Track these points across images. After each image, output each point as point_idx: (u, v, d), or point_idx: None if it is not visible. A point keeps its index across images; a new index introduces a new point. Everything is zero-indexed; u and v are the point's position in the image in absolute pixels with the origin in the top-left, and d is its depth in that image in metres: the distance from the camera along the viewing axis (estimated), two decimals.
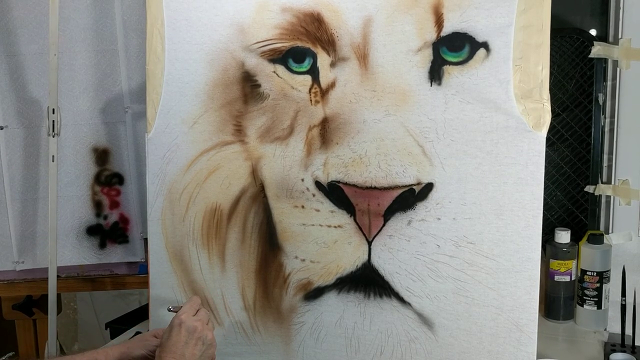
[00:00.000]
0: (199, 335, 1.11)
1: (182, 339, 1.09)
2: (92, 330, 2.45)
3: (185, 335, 1.09)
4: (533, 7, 1.13)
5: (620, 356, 1.31)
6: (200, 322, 1.12)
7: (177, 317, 1.12)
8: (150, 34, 1.34)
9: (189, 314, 1.13)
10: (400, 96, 1.20)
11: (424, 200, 1.20)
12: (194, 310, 1.15)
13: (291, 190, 1.27)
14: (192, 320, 1.12)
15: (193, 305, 1.16)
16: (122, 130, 1.65)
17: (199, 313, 1.15)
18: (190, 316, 1.13)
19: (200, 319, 1.13)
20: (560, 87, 1.55)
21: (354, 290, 1.25)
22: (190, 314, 1.13)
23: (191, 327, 1.10)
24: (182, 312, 1.13)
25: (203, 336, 1.11)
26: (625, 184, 1.50)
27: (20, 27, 1.62)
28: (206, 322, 1.14)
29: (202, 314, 1.15)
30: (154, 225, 1.36)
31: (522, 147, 1.14)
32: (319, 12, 1.24)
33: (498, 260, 1.17)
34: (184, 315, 1.12)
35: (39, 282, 1.66)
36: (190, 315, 1.13)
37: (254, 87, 1.29)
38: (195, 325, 1.11)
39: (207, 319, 1.15)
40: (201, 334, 1.11)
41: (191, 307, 1.15)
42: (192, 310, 1.15)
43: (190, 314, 1.13)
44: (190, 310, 1.14)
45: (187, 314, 1.13)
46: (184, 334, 1.10)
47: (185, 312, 1.13)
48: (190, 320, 1.11)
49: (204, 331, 1.12)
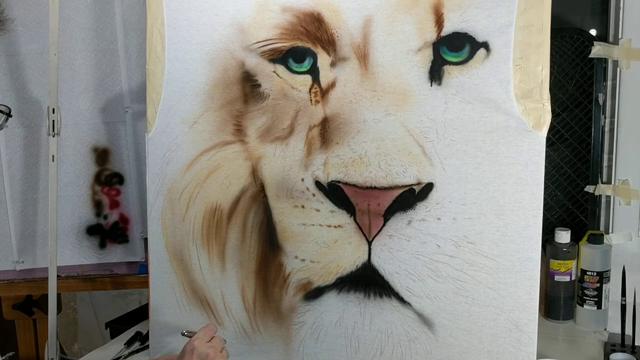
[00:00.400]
0: None
1: None
2: (92, 330, 2.45)
3: None
4: (533, 7, 1.13)
5: (620, 356, 1.31)
6: (212, 349, 1.09)
7: (189, 343, 1.10)
8: (150, 33, 1.34)
9: (202, 340, 1.10)
10: (400, 96, 1.20)
11: (424, 200, 1.20)
12: (208, 337, 1.12)
13: (291, 190, 1.27)
14: (204, 347, 1.09)
15: (207, 332, 1.13)
16: (122, 130, 1.65)
17: (213, 340, 1.12)
18: (204, 342, 1.10)
19: (213, 346, 1.10)
20: (560, 87, 1.55)
21: (354, 290, 1.25)
22: (203, 340, 1.10)
23: (203, 354, 1.08)
24: (195, 337, 1.11)
25: None
26: (625, 184, 1.50)
27: (20, 27, 1.61)
28: (220, 350, 1.11)
29: (217, 341, 1.12)
30: (154, 225, 1.36)
31: (522, 147, 1.14)
32: (319, 12, 1.24)
33: (498, 260, 1.17)
34: (197, 341, 1.10)
35: (39, 282, 1.66)
36: (204, 342, 1.10)
37: (254, 87, 1.29)
38: (208, 352, 1.08)
39: (221, 346, 1.12)
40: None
41: (205, 334, 1.12)
42: (206, 337, 1.12)
43: (204, 340, 1.10)
44: (204, 337, 1.11)
45: (200, 340, 1.10)
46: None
47: (199, 338, 1.11)
48: (202, 347, 1.09)
49: (216, 358, 1.09)
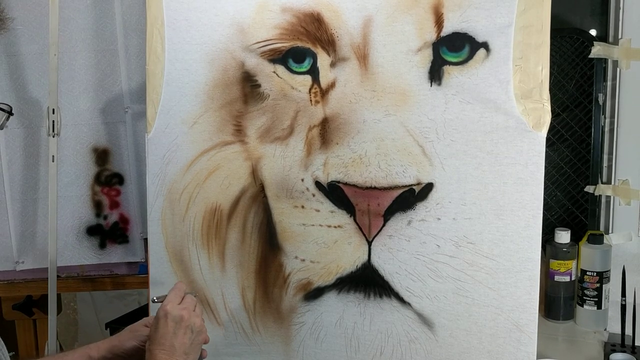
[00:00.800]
0: (187, 324, 1.07)
1: (170, 330, 1.06)
2: (92, 330, 2.45)
3: (173, 326, 1.06)
4: (533, 7, 1.13)
5: (620, 356, 1.32)
6: (186, 310, 1.08)
7: (161, 308, 1.09)
8: (150, 34, 1.34)
9: (173, 303, 1.09)
10: (400, 96, 1.20)
11: (424, 200, 1.20)
12: (179, 298, 1.11)
13: (291, 190, 1.27)
14: (177, 310, 1.08)
15: (177, 293, 1.12)
16: (122, 130, 1.65)
17: (184, 300, 1.11)
18: (175, 305, 1.09)
19: (186, 307, 1.09)
20: (560, 87, 1.55)
21: (354, 290, 1.25)
22: (175, 303, 1.09)
23: (177, 317, 1.07)
24: (166, 302, 1.10)
25: (191, 324, 1.08)
26: (625, 184, 1.50)
27: (20, 27, 1.61)
28: (192, 309, 1.10)
29: (188, 301, 1.11)
30: (154, 225, 1.36)
31: (522, 147, 1.14)
32: (319, 12, 1.24)
33: (498, 260, 1.17)
34: (169, 305, 1.08)
35: (39, 282, 1.66)
36: (176, 304, 1.09)
37: (254, 87, 1.29)
38: (182, 314, 1.07)
39: (193, 305, 1.11)
40: (188, 322, 1.07)
41: (176, 296, 1.11)
42: (177, 299, 1.11)
43: (175, 303, 1.09)
44: (175, 299, 1.10)
45: (172, 303, 1.09)
46: (171, 325, 1.06)
47: (170, 301, 1.09)
48: (175, 310, 1.08)
49: (190, 319, 1.08)
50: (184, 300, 1.11)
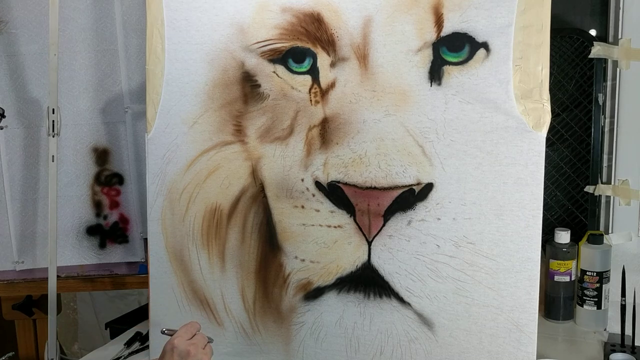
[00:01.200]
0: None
1: None
2: (92, 330, 2.45)
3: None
4: (533, 7, 1.13)
5: (620, 356, 1.31)
6: (194, 345, 1.06)
7: (169, 342, 1.07)
8: (150, 34, 1.34)
9: (182, 338, 1.07)
10: (400, 96, 1.20)
11: (423, 200, 1.20)
12: (190, 335, 1.09)
13: (291, 190, 1.27)
14: (185, 345, 1.05)
15: (189, 329, 1.10)
16: (122, 130, 1.65)
17: (195, 337, 1.09)
18: (184, 340, 1.06)
19: (195, 343, 1.07)
20: (560, 87, 1.55)
21: (354, 290, 1.25)
22: (184, 338, 1.07)
23: (184, 352, 1.04)
24: (175, 336, 1.08)
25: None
26: (625, 184, 1.50)
27: (20, 27, 1.61)
28: (202, 347, 1.08)
29: (199, 338, 1.09)
30: (154, 225, 1.36)
31: (522, 147, 1.14)
32: (319, 12, 1.24)
33: (498, 260, 1.17)
34: (177, 339, 1.06)
35: (39, 282, 1.66)
36: (184, 340, 1.07)
37: (254, 87, 1.29)
38: (189, 350, 1.05)
39: (203, 343, 1.09)
40: (195, 358, 1.05)
41: (186, 331, 1.09)
42: (187, 335, 1.08)
43: (185, 338, 1.07)
44: (185, 334, 1.08)
45: (181, 338, 1.07)
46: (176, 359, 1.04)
47: (179, 336, 1.07)
48: (183, 345, 1.05)
49: (197, 355, 1.05)
50: (194, 337, 1.09)
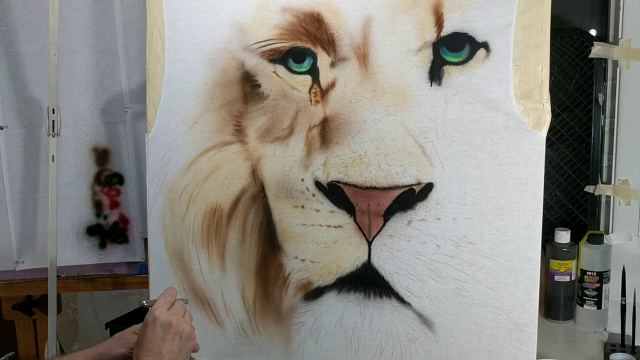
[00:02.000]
0: (175, 330, 1.06)
1: (158, 335, 1.05)
2: (92, 330, 2.45)
3: (161, 332, 1.05)
4: (533, 7, 1.13)
5: (620, 356, 1.32)
6: (175, 315, 1.07)
7: (150, 314, 1.07)
8: (150, 34, 1.34)
9: (162, 308, 1.08)
10: (400, 96, 1.20)
11: (424, 200, 1.20)
12: (169, 304, 1.09)
13: (291, 190, 1.27)
14: (166, 315, 1.06)
15: (167, 299, 1.10)
16: (122, 130, 1.65)
17: (174, 306, 1.10)
18: (164, 311, 1.07)
19: (175, 313, 1.08)
20: (560, 87, 1.55)
21: (354, 290, 1.25)
22: (164, 308, 1.08)
23: (166, 322, 1.05)
24: (155, 307, 1.08)
25: (179, 330, 1.06)
26: (625, 184, 1.50)
27: (20, 27, 1.61)
28: (182, 315, 1.09)
29: (177, 306, 1.10)
30: (154, 225, 1.36)
31: (522, 147, 1.14)
32: (319, 12, 1.24)
33: (498, 260, 1.17)
34: (158, 310, 1.07)
35: (39, 282, 1.66)
36: (164, 310, 1.07)
37: (254, 87, 1.29)
38: (170, 320, 1.06)
39: (182, 311, 1.10)
40: (177, 327, 1.06)
41: (165, 301, 1.10)
42: (167, 304, 1.09)
43: (165, 308, 1.08)
44: (164, 304, 1.09)
45: (161, 308, 1.07)
46: (159, 331, 1.05)
47: (159, 306, 1.08)
48: (164, 315, 1.06)
49: (179, 324, 1.06)
50: (173, 306, 1.10)
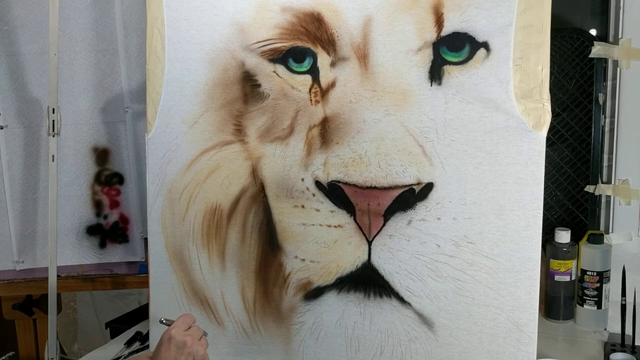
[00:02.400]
0: (189, 351, 1.08)
1: (172, 354, 1.07)
2: (92, 330, 2.45)
3: (175, 351, 1.07)
4: (533, 7, 1.13)
5: (620, 356, 1.31)
6: (190, 337, 1.09)
7: (167, 332, 1.10)
8: (150, 33, 1.34)
9: (179, 328, 1.10)
10: (400, 96, 1.20)
11: (424, 200, 1.20)
12: (186, 325, 1.12)
13: (291, 190, 1.27)
14: (182, 335, 1.09)
15: (185, 320, 1.13)
16: (122, 130, 1.65)
17: (191, 329, 1.12)
18: (181, 331, 1.10)
19: (191, 334, 1.10)
20: (560, 87, 1.55)
21: (354, 290, 1.25)
22: (181, 329, 1.10)
23: (180, 342, 1.08)
24: (173, 326, 1.11)
25: (193, 351, 1.08)
26: (625, 184, 1.50)
27: (20, 27, 1.61)
28: (198, 338, 1.11)
29: (195, 329, 1.12)
30: (154, 225, 1.36)
31: (522, 147, 1.14)
32: (319, 12, 1.24)
33: (498, 260, 1.17)
34: (174, 330, 1.09)
35: (39, 282, 1.66)
36: (181, 330, 1.10)
37: (254, 86, 1.29)
38: (185, 341, 1.08)
39: (199, 335, 1.12)
40: (191, 349, 1.08)
41: (183, 322, 1.12)
42: (184, 325, 1.12)
43: (181, 329, 1.10)
44: (182, 325, 1.11)
45: (178, 328, 1.10)
46: (174, 350, 1.07)
47: (176, 326, 1.10)
48: (180, 335, 1.09)
49: (194, 346, 1.09)
50: (191, 328, 1.12)
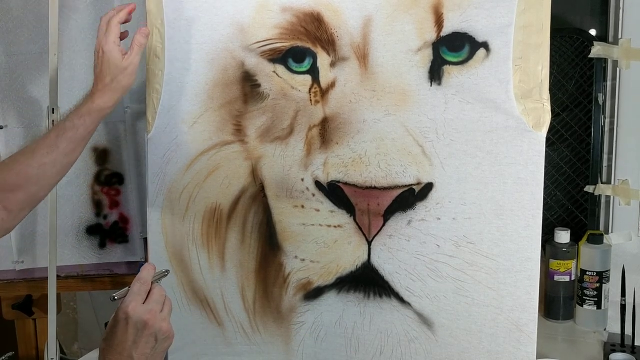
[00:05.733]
0: (151, 332, 0.90)
1: (130, 337, 0.90)
2: (92, 330, 2.45)
3: (134, 334, 0.90)
4: (533, 7, 1.13)
5: (620, 356, 1.32)
6: (151, 313, 0.90)
7: (122, 309, 0.90)
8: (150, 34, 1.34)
9: (137, 302, 0.91)
10: (400, 96, 1.20)
11: (424, 200, 1.20)
12: (144, 294, 0.92)
13: (291, 190, 1.27)
14: (141, 312, 0.90)
15: (142, 287, 0.92)
16: (122, 129, 1.65)
17: (151, 297, 0.92)
18: (139, 306, 0.91)
19: (152, 309, 0.91)
20: (560, 87, 1.55)
21: (354, 290, 1.26)
22: (139, 302, 0.91)
23: (140, 323, 0.90)
24: (129, 301, 0.91)
25: (155, 331, 0.90)
26: (625, 184, 1.50)
27: (20, 27, 1.61)
28: (159, 309, 0.92)
29: (155, 297, 0.93)
30: (154, 225, 1.36)
31: (522, 147, 1.14)
32: (319, 12, 1.24)
33: (498, 260, 1.17)
34: (131, 306, 0.90)
35: (39, 282, 1.66)
36: (139, 305, 0.91)
37: (254, 87, 1.29)
38: (145, 320, 0.90)
39: (160, 303, 0.93)
40: (153, 328, 0.90)
41: (140, 291, 0.92)
42: (142, 295, 0.92)
43: (140, 302, 0.91)
44: (138, 297, 0.91)
45: (135, 303, 0.91)
46: (132, 332, 0.90)
47: (133, 300, 0.91)
48: (138, 313, 0.90)
49: (156, 324, 0.90)
50: (151, 297, 0.93)
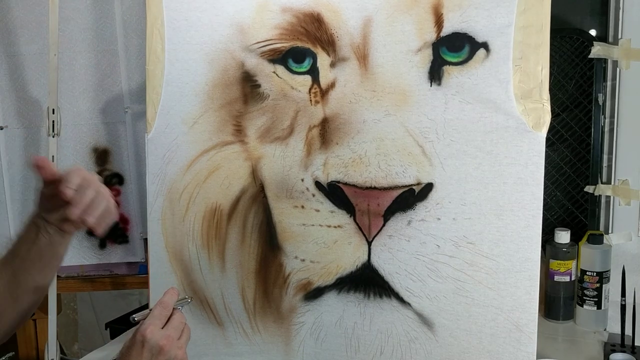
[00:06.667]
0: (165, 358, 0.90)
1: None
2: (92, 330, 2.45)
3: (148, 357, 0.89)
4: (533, 7, 1.13)
5: (620, 356, 1.31)
6: (167, 339, 0.90)
7: (140, 332, 0.90)
8: (150, 34, 1.34)
9: (155, 326, 0.91)
10: (400, 96, 1.20)
11: (423, 200, 1.20)
12: (164, 319, 0.93)
13: (291, 191, 1.27)
14: (158, 337, 0.90)
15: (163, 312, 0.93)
16: (122, 130, 1.65)
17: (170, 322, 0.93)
18: (157, 330, 0.91)
19: (169, 335, 0.91)
20: (560, 87, 1.55)
21: (354, 290, 1.25)
22: (157, 326, 0.91)
23: (156, 348, 0.89)
24: (148, 323, 0.91)
25: (170, 358, 0.90)
26: (625, 184, 1.50)
27: (20, 27, 1.62)
28: (177, 336, 0.92)
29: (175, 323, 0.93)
30: (154, 225, 1.36)
31: (522, 147, 1.14)
32: (319, 12, 1.24)
33: (498, 260, 1.16)
34: (149, 329, 0.90)
35: None
36: (157, 329, 0.91)
37: (254, 87, 1.29)
38: (161, 345, 0.89)
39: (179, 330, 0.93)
40: (167, 355, 0.90)
41: (160, 315, 0.92)
42: (160, 321, 0.92)
43: (158, 326, 0.91)
44: (158, 321, 0.92)
45: (153, 326, 0.91)
46: (147, 355, 0.89)
47: (152, 324, 0.91)
48: (155, 337, 0.90)
49: (172, 351, 0.90)
50: (170, 322, 0.93)
